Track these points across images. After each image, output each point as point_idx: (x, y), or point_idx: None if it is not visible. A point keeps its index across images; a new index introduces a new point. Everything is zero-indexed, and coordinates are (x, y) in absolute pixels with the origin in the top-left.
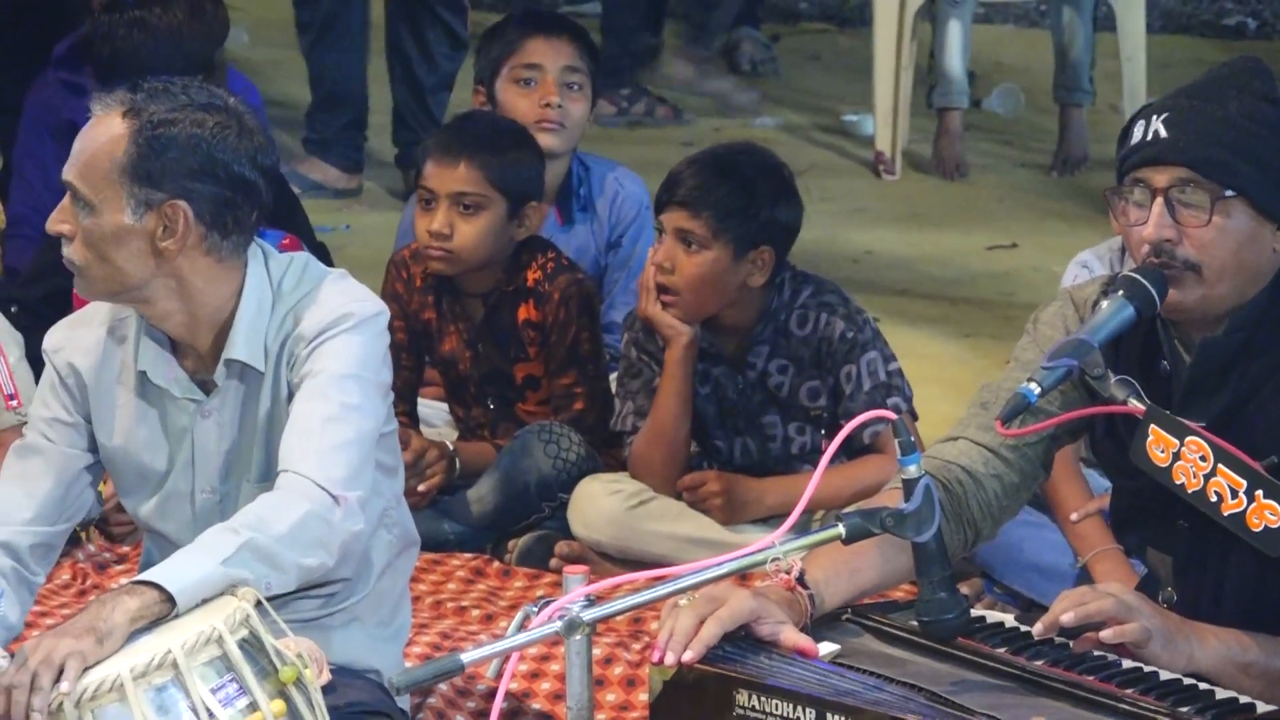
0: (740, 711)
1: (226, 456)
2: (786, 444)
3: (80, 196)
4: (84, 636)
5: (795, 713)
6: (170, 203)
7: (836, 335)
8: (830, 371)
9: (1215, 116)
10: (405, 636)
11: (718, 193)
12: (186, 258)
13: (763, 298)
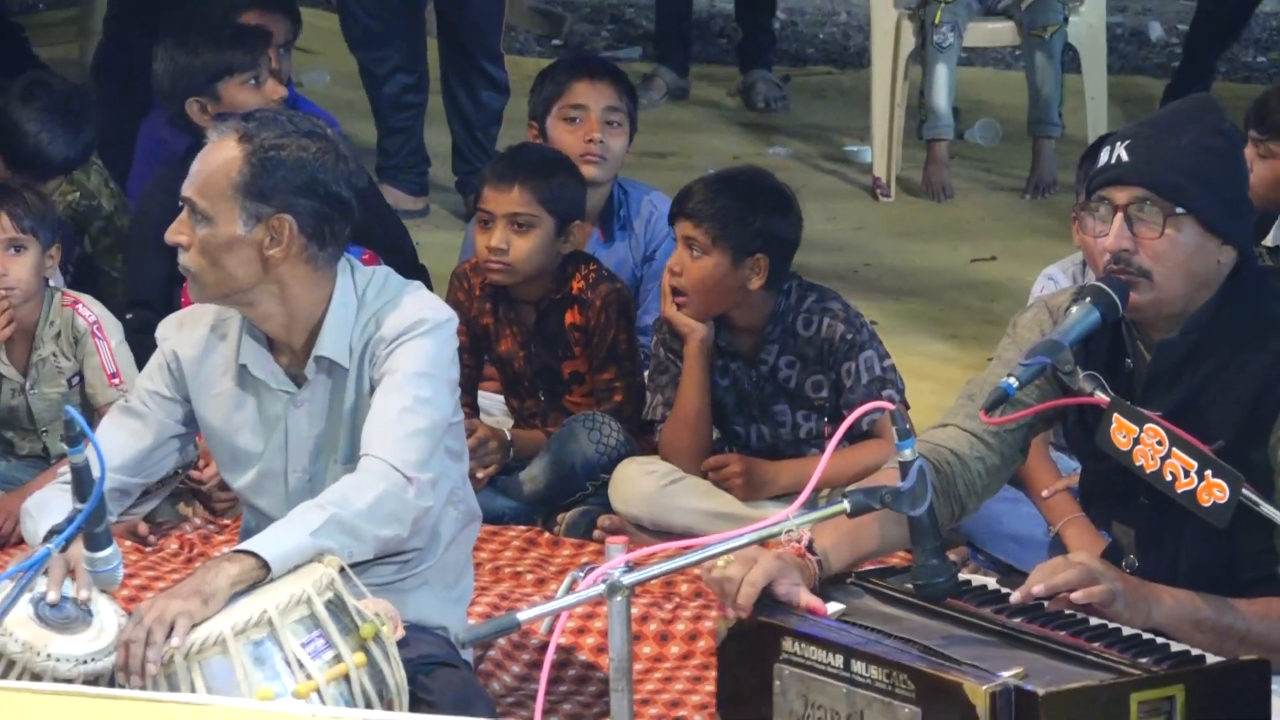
0: (786, 655)
1: (316, 441)
2: (795, 430)
3: (198, 210)
4: (191, 598)
5: (828, 658)
6: (277, 216)
7: (837, 336)
8: (832, 367)
9: (1171, 145)
10: (469, 598)
11: (717, 204)
12: (289, 265)
13: (771, 302)
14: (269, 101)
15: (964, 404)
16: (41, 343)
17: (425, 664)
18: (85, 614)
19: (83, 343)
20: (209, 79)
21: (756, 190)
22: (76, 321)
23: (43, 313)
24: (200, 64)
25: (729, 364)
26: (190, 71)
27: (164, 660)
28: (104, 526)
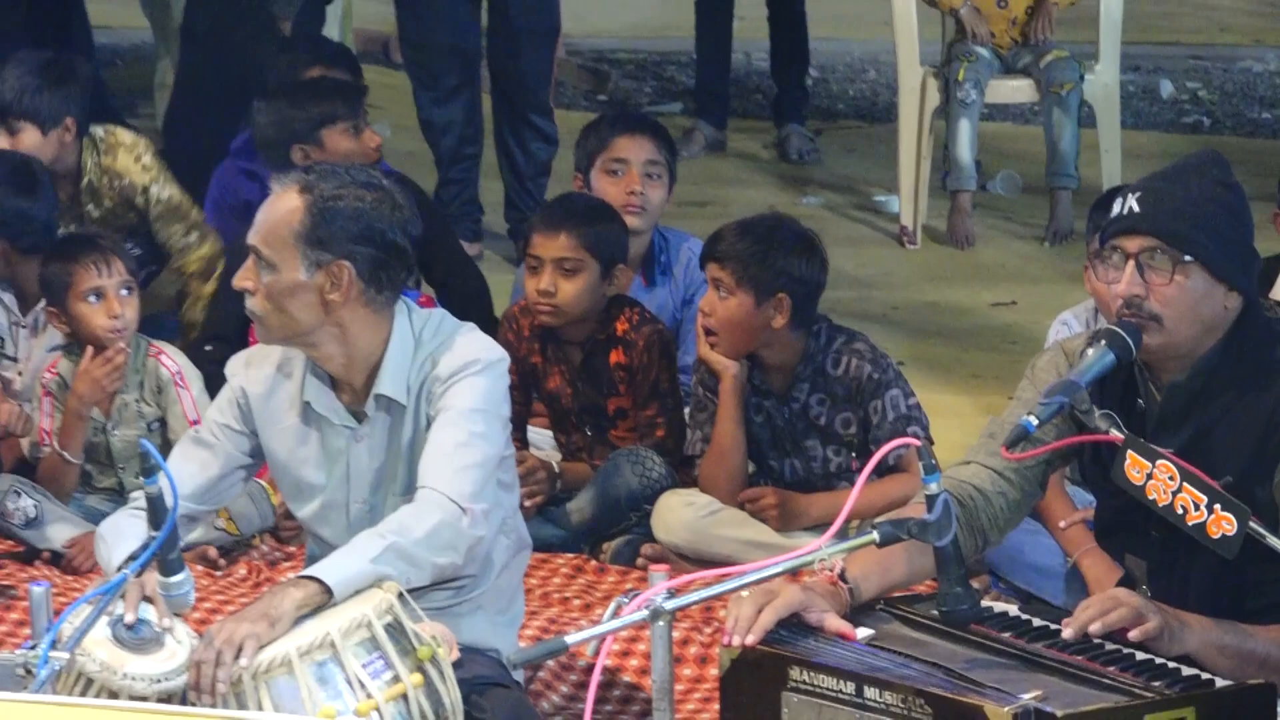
0: (793, 684)
1: (376, 474)
2: (825, 464)
3: (263, 257)
4: (259, 621)
5: (838, 685)
6: (337, 262)
7: (864, 375)
8: (860, 405)
9: (1179, 196)
10: (519, 622)
11: (740, 247)
12: (348, 309)
13: (802, 343)
14: (367, 148)
15: (986, 442)
16: (126, 388)
17: (479, 684)
18: (159, 635)
19: (166, 391)
20: (313, 127)
21: (778, 234)
22: (160, 371)
23: (129, 361)
24: (304, 115)
25: (763, 402)
26: (295, 121)
27: (233, 680)
28: (176, 553)
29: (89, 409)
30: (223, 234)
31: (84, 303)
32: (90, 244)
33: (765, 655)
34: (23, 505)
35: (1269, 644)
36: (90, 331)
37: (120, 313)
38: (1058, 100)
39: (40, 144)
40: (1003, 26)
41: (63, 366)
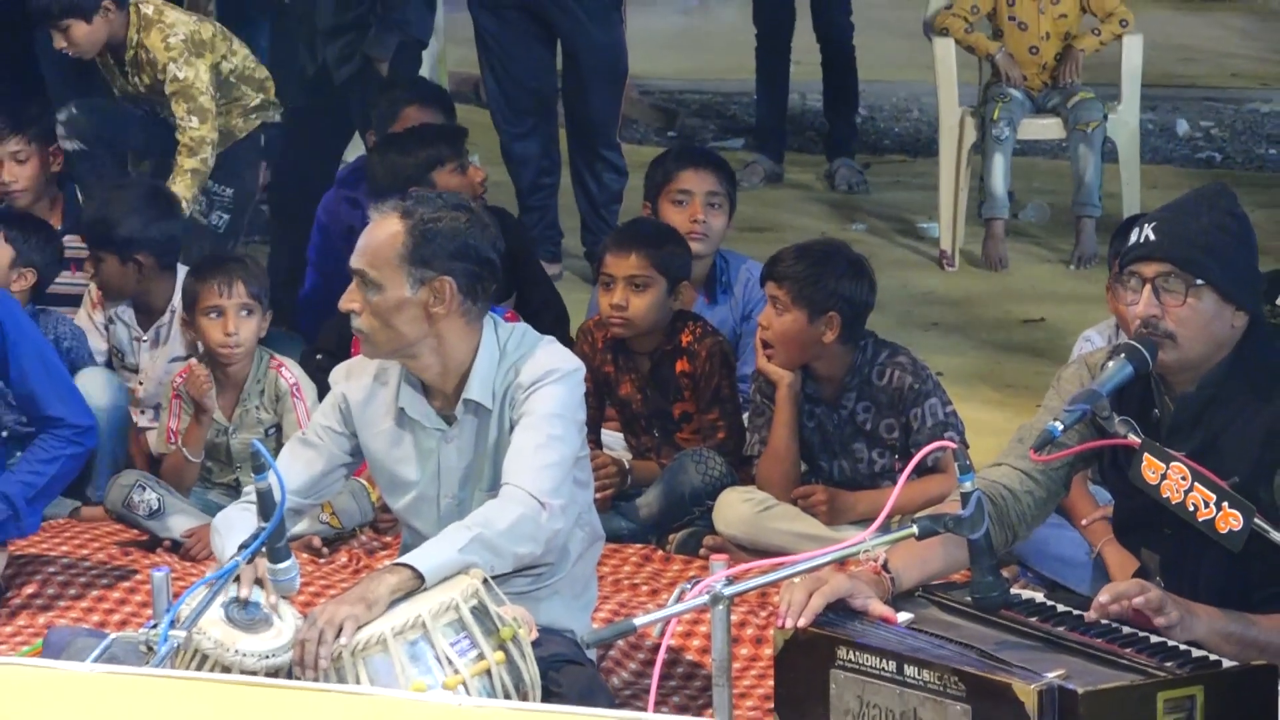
0: (840, 662)
1: (464, 471)
2: (870, 465)
3: (369, 279)
4: (357, 604)
5: (880, 664)
6: (439, 278)
7: (906, 386)
8: (901, 412)
9: (1191, 226)
10: (593, 606)
11: (796, 269)
12: (448, 321)
13: (850, 356)
14: (474, 183)
15: (1015, 446)
16: (248, 395)
17: (555, 661)
18: (268, 616)
19: (283, 400)
20: (423, 171)
21: (831, 258)
22: (279, 382)
23: (252, 370)
24: (414, 160)
25: (814, 409)
26: (407, 168)
27: (334, 657)
28: (284, 542)
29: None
30: (329, 255)
31: (206, 318)
32: (220, 265)
33: (815, 636)
34: (147, 498)
35: (1270, 631)
36: (207, 344)
37: (234, 331)
38: (1083, 137)
39: (89, 32)
40: (1034, 70)
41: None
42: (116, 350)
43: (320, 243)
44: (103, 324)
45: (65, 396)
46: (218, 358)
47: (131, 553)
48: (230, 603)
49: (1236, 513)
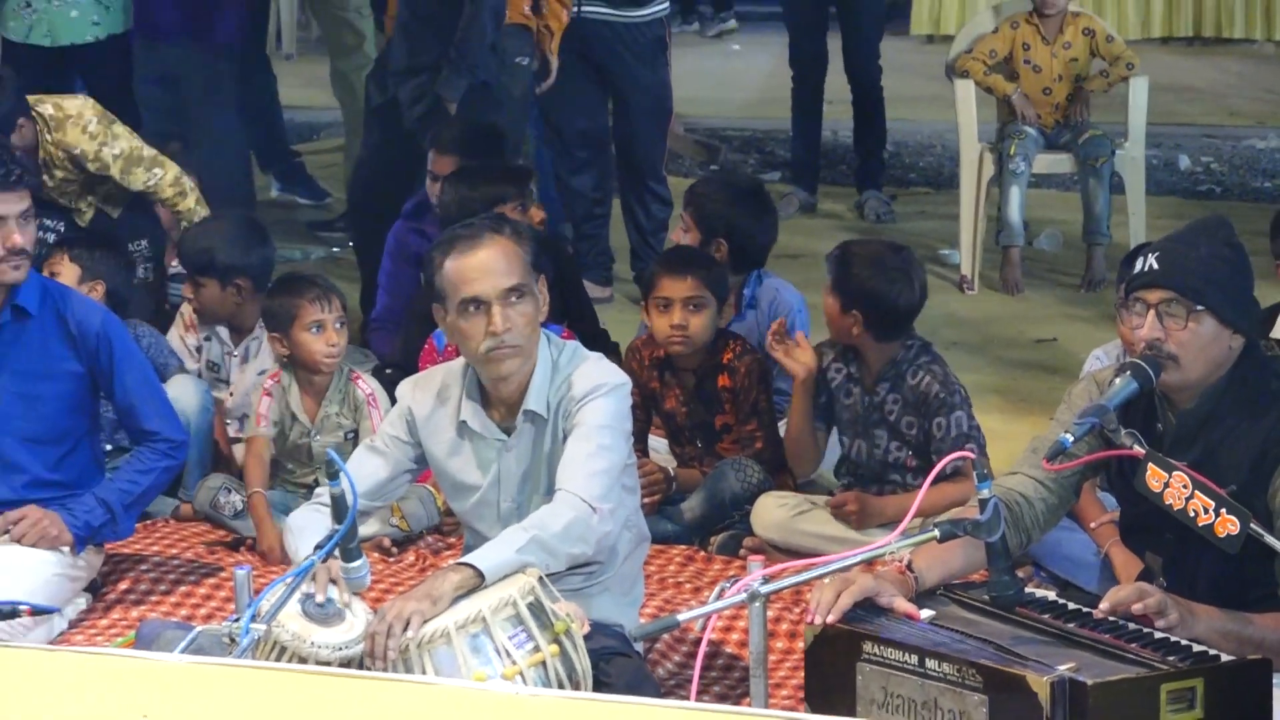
0: (866, 656)
1: (522, 478)
2: (885, 454)
3: (522, 290)
4: (423, 600)
5: (903, 657)
6: (540, 279)
7: (931, 393)
8: (924, 416)
9: (1191, 255)
10: (640, 602)
11: (838, 259)
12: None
13: (894, 352)
14: (533, 221)
15: (1029, 455)
16: (330, 403)
17: (605, 654)
18: (341, 611)
19: (360, 409)
20: (489, 205)
21: (873, 260)
22: (356, 392)
23: (333, 380)
24: (480, 195)
25: (853, 388)
26: (473, 201)
27: (401, 649)
28: (355, 542)
29: None
30: (399, 280)
31: (306, 332)
32: (312, 283)
33: (843, 632)
34: (232, 500)
35: (1264, 629)
36: (310, 356)
37: (336, 342)
38: (1093, 171)
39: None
40: (1047, 110)
41: (283, 378)
42: (211, 365)
43: (390, 269)
44: (194, 346)
45: (162, 413)
46: (319, 367)
47: (217, 551)
48: (307, 598)
49: (1233, 518)
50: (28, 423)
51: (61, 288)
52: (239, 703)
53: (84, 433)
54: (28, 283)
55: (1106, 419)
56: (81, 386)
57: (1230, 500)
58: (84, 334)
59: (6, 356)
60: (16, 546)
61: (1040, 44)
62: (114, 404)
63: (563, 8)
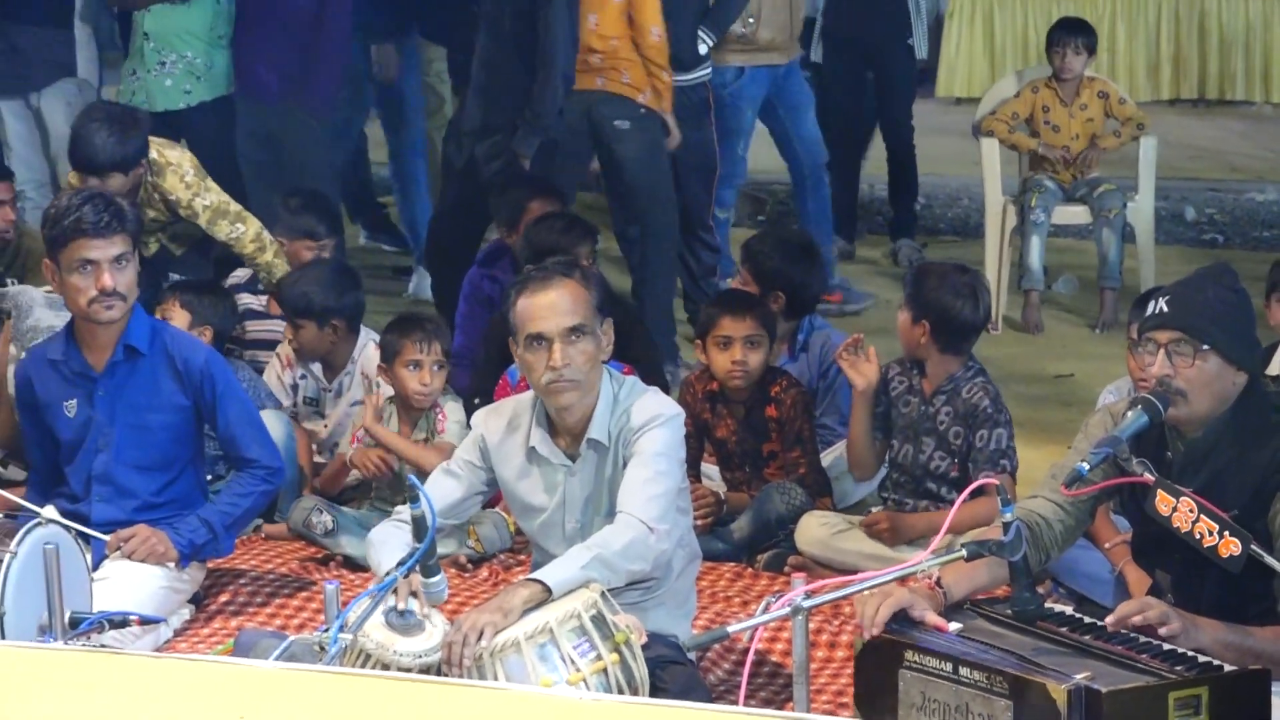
0: (907, 664)
1: (585, 500)
2: (929, 461)
3: (583, 329)
4: (496, 613)
5: (940, 665)
6: (606, 321)
7: (981, 408)
8: (971, 428)
9: (1198, 299)
10: (693, 615)
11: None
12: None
13: (954, 368)
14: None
15: (1049, 481)
16: (419, 432)
17: (661, 662)
18: (421, 622)
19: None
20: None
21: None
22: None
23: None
24: (556, 242)
25: (912, 398)
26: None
27: (476, 657)
28: (434, 559)
29: None
30: (473, 320)
31: (405, 369)
32: (420, 325)
33: (887, 642)
34: (323, 520)
35: (1264, 641)
36: (404, 391)
37: (429, 382)
38: (1106, 222)
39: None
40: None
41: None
42: (308, 400)
43: (465, 310)
44: (290, 383)
45: (261, 442)
46: (411, 401)
47: (309, 567)
48: (390, 610)
49: (1236, 540)
50: (138, 451)
51: (170, 328)
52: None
53: (189, 460)
54: (138, 324)
55: (1120, 449)
56: (187, 418)
57: (1233, 524)
58: (190, 371)
59: (120, 391)
60: (127, 562)
61: (1059, 106)
62: (216, 434)
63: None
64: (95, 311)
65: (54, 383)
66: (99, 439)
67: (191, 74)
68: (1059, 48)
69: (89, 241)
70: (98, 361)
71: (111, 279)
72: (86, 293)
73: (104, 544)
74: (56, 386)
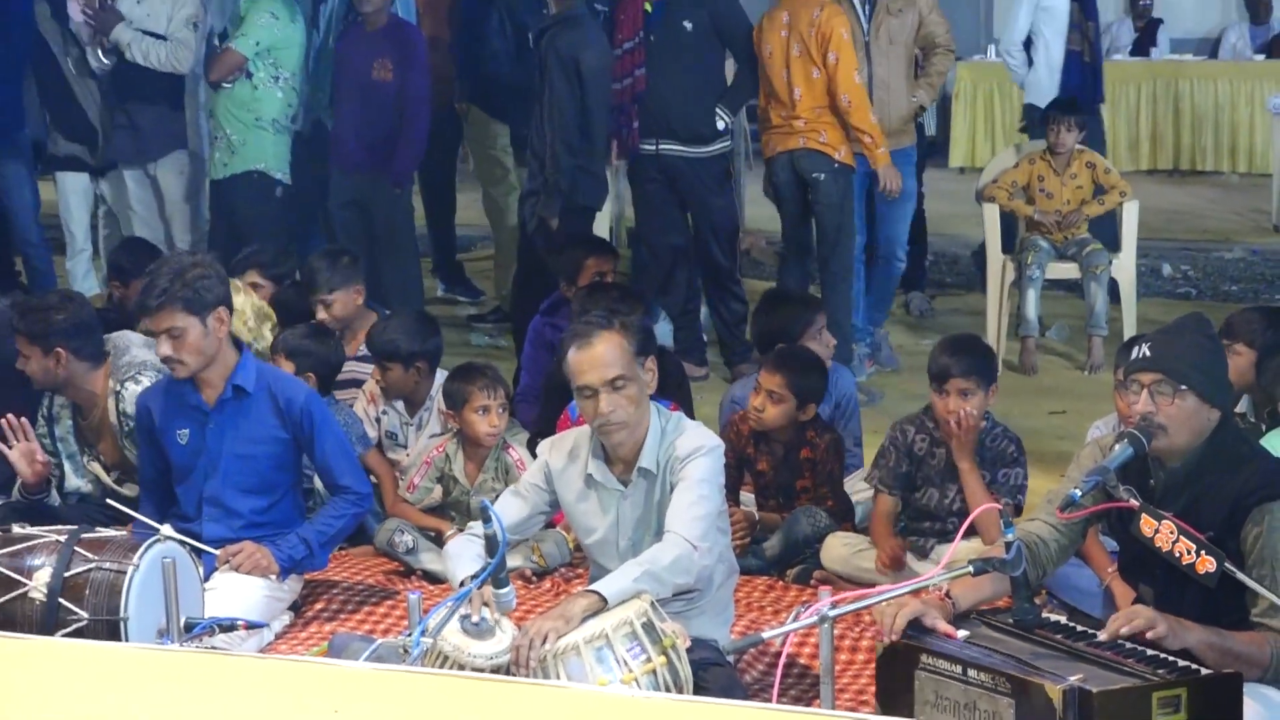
0: (923, 665)
1: (637, 521)
2: (952, 503)
3: (625, 379)
4: (558, 620)
5: (951, 667)
6: (650, 359)
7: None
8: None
9: (1177, 345)
10: (730, 622)
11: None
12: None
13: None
14: None
15: (1045, 506)
16: (487, 470)
17: (703, 664)
18: (493, 628)
19: (510, 473)
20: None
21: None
22: (509, 459)
23: (492, 453)
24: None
25: (937, 450)
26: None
27: (540, 659)
28: (504, 573)
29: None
30: (537, 363)
31: (474, 414)
32: (483, 373)
33: (905, 647)
34: (404, 539)
35: (1239, 644)
36: (474, 433)
37: (496, 424)
38: (1094, 277)
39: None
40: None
41: (449, 447)
42: (389, 433)
43: (530, 354)
44: (375, 417)
45: (353, 471)
46: (481, 442)
47: (392, 579)
48: (465, 618)
49: (1211, 558)
50: (243, 477)
51: (275, 371)
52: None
53: (289, 486)
54: (245, 367)
55: (1108, 477)
56: (287, 449)
57: (1209, 544)
58: (290, 408)
59: (228, 425)
60: (235, 574)
61: (1052, 175)
62: (313, 463)
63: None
64: (170, 368)
65: (171, 413)
66: (208, 466)
67: (230, 149)
68: (1054, 124)
69: (151, 317)
70: (210, 397)
71: (170, 348)
72: (163, 352)
73: (214, 558)
74: (173, 416)
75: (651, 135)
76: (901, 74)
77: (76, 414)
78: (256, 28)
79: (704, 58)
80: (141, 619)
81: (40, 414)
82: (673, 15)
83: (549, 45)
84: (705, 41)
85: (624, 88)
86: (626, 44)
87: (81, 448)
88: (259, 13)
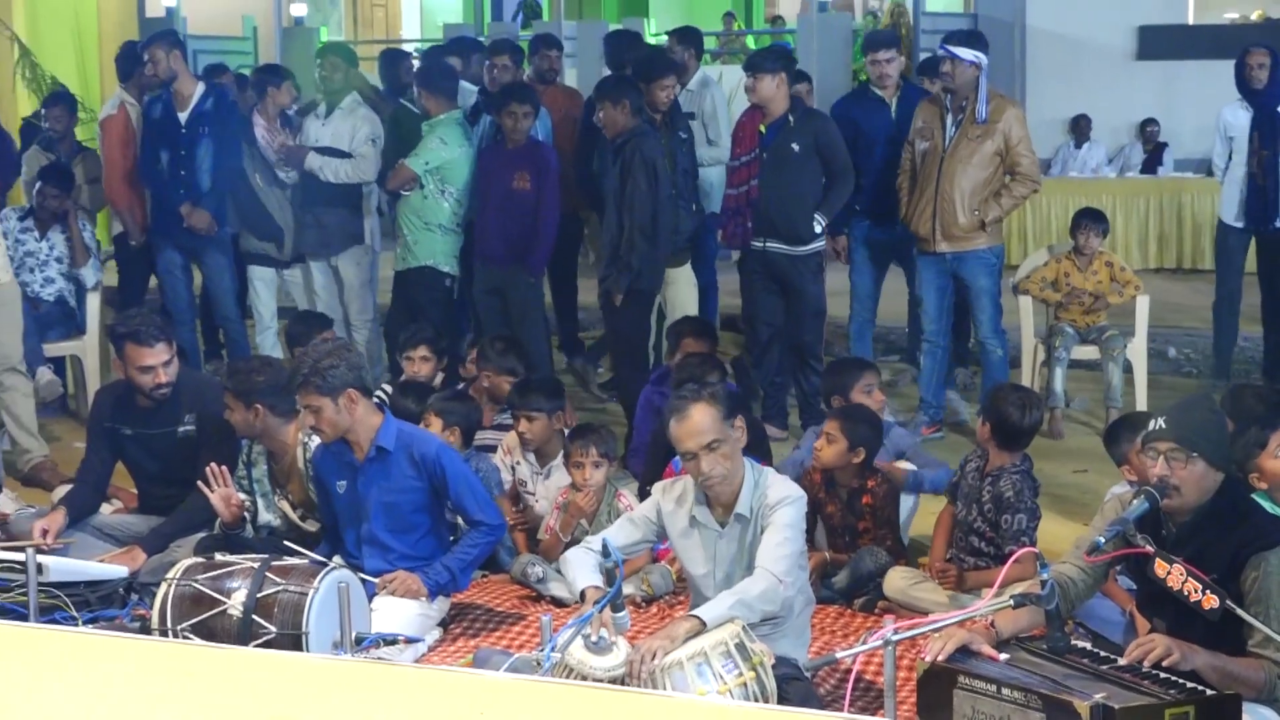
0: (960, 684)
1: (732, 558)
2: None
3: (718, 441)
4: (665, 639)
5: (986, 685)
6: (738, 419)
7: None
8: (999, 512)
9: (1188, 418)
10: (808, 644)
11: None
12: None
13: (1007, 461)
14: None
15: (1074, 551)
16: (600, 514)
17: (785, 679)
18: (611, 645)
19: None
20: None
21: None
22: (619, 504)
23: (605, 496)
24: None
25: (975, 473)
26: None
27: (650, 673)
28: (621, 599)
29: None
30: (645, 424)
31: (572, 467)
32: (583, 434)
33: (943, 667)
34: (535, 570)
35: (1240, 668)
36: (572, 479)
37: (590, 476)
38: (1111, 358)
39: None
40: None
41: (572, 494)
42: (520, 481)
43: (640, 416)
44: (510, 465)
45: (485, 507)
46: (575, 486)
47: (525, 604)
48: (588, 636)
49: (1215, 597)
50: (390, 519)
51: (410, 429)
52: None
53: (431, 524)
54: (387, 429)
55: (1127, 527)
56: (426, 495)
57: (1213, 584)
58: (425, 461)
59: (375, 478)
60: (391, 598)
61: (1076, 272)
62: (451, 504)
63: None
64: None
65: (331, 468)
66: (362, 511)
67: (406, 247)
68: (1082, 231)
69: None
70: (359, 455)
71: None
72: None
73: (374, 585)
74: (333, 471)
75: (760, 235)
76: (968, 190)
77: (270, 459)
78: (427, 150)
79: (806, 173)
80: (319, 634)
81: (241, 459)
82: (784, 138)
83: (634, 150)
84: (808, 160)
85: (740, 194)
86: (744, 157)
87: (273, 488)
88: (431, 137)
